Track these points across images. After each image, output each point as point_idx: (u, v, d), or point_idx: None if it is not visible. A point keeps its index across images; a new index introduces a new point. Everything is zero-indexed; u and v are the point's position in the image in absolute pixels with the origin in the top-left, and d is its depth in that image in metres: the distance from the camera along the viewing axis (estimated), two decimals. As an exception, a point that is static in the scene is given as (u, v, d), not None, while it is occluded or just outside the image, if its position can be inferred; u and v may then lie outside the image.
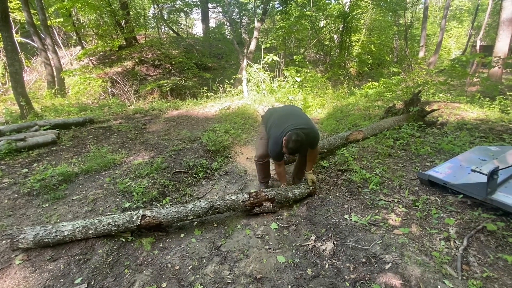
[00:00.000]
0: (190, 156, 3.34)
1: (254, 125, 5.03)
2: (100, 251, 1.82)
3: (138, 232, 2.01)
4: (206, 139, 3.64)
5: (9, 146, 3.22)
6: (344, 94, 7.53)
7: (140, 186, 2.51)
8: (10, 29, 4.54)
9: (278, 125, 2.25)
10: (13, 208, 2.32)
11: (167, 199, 2.43)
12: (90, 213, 2.20)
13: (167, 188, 2.64)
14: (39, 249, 1.80)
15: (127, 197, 2.42)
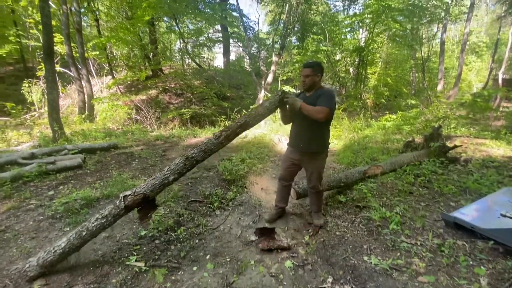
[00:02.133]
0: (206, 185, 3.39)
1: (270, 154, 5.07)
2: (114, 281, 1.83)
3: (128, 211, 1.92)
4: (222, 168, 3.70)
5: (39, 169, 3.44)
6: (360, 126, 7.50)
7: (156, 214, 2.55)
8: (53, 62, 5.07)
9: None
10: (37, 230, 2.41)
11: (182, 229, 2.44)
12: (108, 240, 2.25)
13: (183, 218, 2.66)
14: (58, 275, 1.84)
15: (143, 225, 2.46)
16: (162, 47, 15.71)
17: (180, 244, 2.29)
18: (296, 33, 14.24)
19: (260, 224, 2.72)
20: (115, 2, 13.14)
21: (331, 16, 14.41)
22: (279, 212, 2.77)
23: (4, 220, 2.56)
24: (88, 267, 1.92)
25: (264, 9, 19.95)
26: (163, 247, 2.22)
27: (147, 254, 2.12)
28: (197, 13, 10.89)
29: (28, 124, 7.33)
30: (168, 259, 2.09)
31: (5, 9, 13.13)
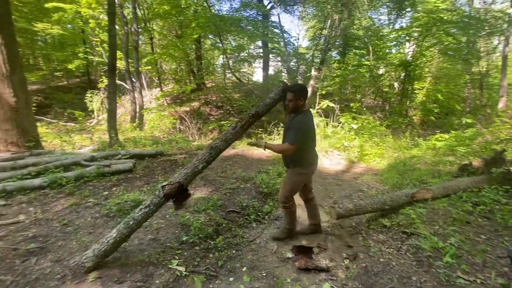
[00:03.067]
0: (243, 196, 3.45)
1: (307, 170, 4.98)
2: (158, 282, 1.93)
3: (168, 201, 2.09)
4: (260, 181, 3.73)
5: (98, 171, 3.85)
6: (406, 145, 7.00)
7: (197, 221, 2.66)
8: (115, 76, 5.74)
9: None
10: (93, 226, 2.68)
11: (220, 238, 2.50)
12: (153, 242, 2.40)
13: (221, 227, 2.73)
14: (110, 270, 2.01)
15: (185, 230, 2.58)
16: (206, 62, 16.75)
17: (218, 253, 2.35)
18: (337, 48, 14.07)
19: (296, 242, 2.67)
20: (167, 22, 14.48)
21: (375, 30, 14.00)
22: (311, 229, 2.81)
23: (67, 214, 2.90)
24: (136, 266, 2.07)
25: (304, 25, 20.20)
26: (202, 254, 2.30)
27: (187, 260, 2.21)
28: (240, 30, 11.45)
29: (89, 130, 8.29)
30: (206, 267, 2.15)
31: (77, 29, 15.31)
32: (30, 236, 2.45)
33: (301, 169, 2.48)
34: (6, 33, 3.97)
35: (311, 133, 2.48)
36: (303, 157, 2.44)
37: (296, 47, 16.47)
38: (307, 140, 2.41)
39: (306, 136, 2.38)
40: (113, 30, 5.28)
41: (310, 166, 2.52)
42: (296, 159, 2.45)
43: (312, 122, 2.49)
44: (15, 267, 2.03)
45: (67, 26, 14.23)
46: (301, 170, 2.48)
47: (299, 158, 2.44)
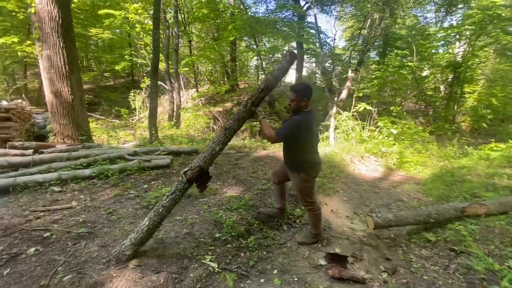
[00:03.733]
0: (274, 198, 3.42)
1: (341, 175, 4.80)
2: (192, 275, 2.00)
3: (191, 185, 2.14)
4: (291, 184, 3.67)
5: (139, 165, 4.11)
6: (453, 153, 6.39)
7: (229, 219, 2.70)
8: (157, 77, 6.11)
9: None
10: (134, 216, 2.86)
11: (252, 238, 2.50)
12: (188, 236, 2.49)
13: (252, 227, 2.73)
14: (148, 259, 2.12)
15: (218, 227, 2.63)
16: (239, 64, 17.07)
17: (249, 253, 2.35)
18: (376, 48, 13.39)
19: (329, 249, 2.57)
20: (205, 26, 15.04)
21: (419, 29, 13.05)
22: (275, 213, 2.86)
23: (112, 204, 3.13)
24: (172, 258, 2.16)
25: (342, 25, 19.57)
26: (234, 252, 2.32)
27: (220, 256, 2.25)
28: (275, 32, 11.45)
29: (131, 126, 8.93)
30: (238, 265, 2.17)
31: (124, 34, 16.58)
32: (80, 221, 2.69)
33: (304, 174, 2.44)
34: (67, 38, 4.45)
35: (311, 135, 2.38)
36: (303, 161, 2.40)
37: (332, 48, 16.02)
38: (306, 142, 2.33)
39: (297, 135, 2.27)
40: (157, 33, 5.62)
41: (311, 169, 2.45)
42: (296, 163, 2.43)
43: (312, 123, 2.39)
44: (68, 249, 2.24)
45: (115, 31, 15.52)
46: (305, 176, 2.44)
47: (299, 162, 2.41)
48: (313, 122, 2.38)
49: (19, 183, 3.28)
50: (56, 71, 4.37)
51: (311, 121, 2.34)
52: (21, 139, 4.88)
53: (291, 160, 2.47)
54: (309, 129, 2.32)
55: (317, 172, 2.52)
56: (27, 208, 2.89)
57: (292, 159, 2.44)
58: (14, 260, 2.07)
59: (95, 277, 1.92)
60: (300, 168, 2.42)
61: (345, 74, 13.75)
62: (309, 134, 2.35)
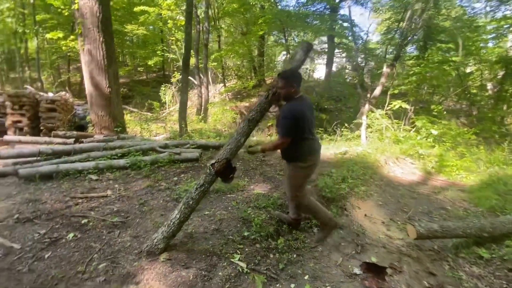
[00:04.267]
0: (304, 198, 3.29)
1: (374, 177, 4.51)
2: (220, 274, 1.96)
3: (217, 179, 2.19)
4: (323, 184, 3.51)
5: (170, 157, 4.19)
6: (504, 159, 5.73)
7: (258, 218, 2.62)
8: (188, 71, 6.19)
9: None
10: (165, 209, 2.90)
11: (281, 239, 2.41)
12: (216, 232, 2.46)
13: (282, 228, 2.64)
14: (178, 253, 2.12)
15: (246, 225, 2.57)
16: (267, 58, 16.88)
17: (279, 255, 2.27)
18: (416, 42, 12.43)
19: (364, 256, 2.40)
20: (234, 20, 15.04)
21: (466, 20, 11.86)
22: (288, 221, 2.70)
23: (144, 195, 3.21)
24: (201, 254, 2.14)
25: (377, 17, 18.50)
26: (263, 253, 2.25)
27: (249, 256, 2.19)
28: (305, 25, 11.11)
29: (162, 120, 9.23)
30: (267, 267, 2.09)
31: (157, 30, 17.13)
32: (115, 210, 2.78)
33: (301, 163, 2.30)
34: (106, 33, 4.64)
35: (306, 122, 2.22)
36: (300, 149, 2.26)
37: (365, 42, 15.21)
38: (302, 129, 2.20)
39: (297, 124, 2.16)
40: (188, 28, 5.68)
41: (309, 158, 2.31)
42: (293, 152, 2.30)
43: (307, 109, 2.26)
44: (103, 237, 2.31)
45: (149, 27, 16.09)
46: (301, 164, 2.31)
47: (296, 151, 2.28)
48: (306, 108, 2.27)
49: (61, 170, 3.49)
50: (95, 65, 4.59)
51: (303, 107, 2.24)
52: (64, 129, 5.23)
53: (288, 152, 2.34)
54: (302, 115, 2.20)
55: (316, 161, 2.39)
56: (67, 194, 3.06)
57: (292, 150, 2.28)
58: (54, 244, 2.18)
59: (127, 267, 1.96)
60: (297, 157, 2.30)
61: (379, 69, 12.99)
62: (307, 119, 2.24)
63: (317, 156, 2.40)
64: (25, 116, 5.13)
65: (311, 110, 2.36)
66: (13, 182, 3.37)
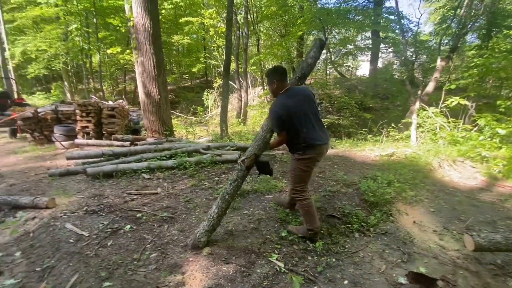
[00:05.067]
0: (344, 202, 3.18)
1: (425, 181, 4.14)
2: (259, 271, 2.02)
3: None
4: (366, 187, 3.35)
5: (212, 158, 4.43)
6: None
7: (296, 220, 2.63)
8: (228, 77, 6.46)
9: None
10: (207, 206, 3.08)
11: (320, 242, 2.38)
12: (255, 231, 2.54)
13: (320, 231, 2.60)
14: (219, 249, 2.24)
15: (284, 226, 2.60)
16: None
17: (317, 257, 2.24)
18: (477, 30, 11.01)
19: (411, 266, 2.24)
20: (273, 23, 15.14)
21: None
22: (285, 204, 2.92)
23: (189, 193, 3.45)
24: (240, 251, 2.23)
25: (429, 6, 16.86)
26: (301, 254, 2.25)
27: (286, 257, 2.21)
28: (347, 22, 10.66)
29: (205, 123, 9.75)
30: (305, 269, 2.09)
31: (200, 38, 18.14)
32: (164, 206, 3.05)
33: (298, 154, 2.31)
34: (156, 45, 5.12)
35: (294, 114, 2.18)
36: (295, 141, 2.28)
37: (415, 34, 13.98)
38: (290, 122, 2.18)
39: (282, 119, 2.17)
40: (229, 34, 5.93)
41: (307, 150, 2.27)
42: (290, 144, 2.35)
43: (297, 100, 2.22)
44: (154, 230, 2.57)
45: (192, 36, 17.15)
46: (299, 156, 2.31)
47: (292, 143, 2.33)
48: (294, 100, 2.22)
49: (120, 169, 3.95)
50: (147, 75, 5.10)
51: (287, 100, 2.21)
52: (121, 133, 5.89)
53: (289, 143, 2.36)
54: (291, 107, 2.19)
55: (316, 154, 2.30)
56: (125, 191, 3.46)
57: (290, 141, 2.31)
58: (115, 234, 2.49)
59: (175, 258, 2.14)
60: (296, 148, 2.32)
61: (432, 63, 11.83)
62: (296, 113, 2.20)
63: (319, 149, 2.30)
64: (91, 122, 5.92)
65: (307, 101, 2.28)
66: (82, 179, 3.93)
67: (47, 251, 2.24)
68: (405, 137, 7.08)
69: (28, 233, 2.53)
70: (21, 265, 2.09)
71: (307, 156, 2.28)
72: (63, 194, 3.37)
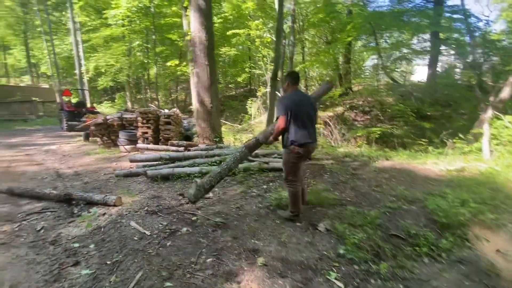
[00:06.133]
0: (409, 221, 2.86)
1: (507, 202, 3.51)
2: (316, 289, 1.89)
3: None
4: (434, 206, 2.97)
5: (259, 166, 4.44)
6: None
7: (354, 237, 2.43)
8: (276, 85, 6.49)
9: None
10: (258, 215, 3.06)
11: (385, 265, 2.15)
12: (309, 245, 2.41)
13: (382, 251, 2.36)
14: (274, 261, 2.18)
15: (340, 242, 2.43)
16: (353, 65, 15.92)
17: (381, 281, 2.03)
18: None
19: None
20: (319, 30, 14.93)
21: None
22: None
23: (239, 199, 3.49)
24: (296, 265, 2.14)
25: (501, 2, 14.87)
26: (363, 276, 2.06)
27: (346, 277, 2.05)
28: (402, 24, 9.93)
29: (250, 130, 9.92)
30: (369, 294, 1.90)
31: (245, 49, 18.74)
32: (216, 211, 3.13)
33: (287, 149, 2.74)
34: (210, 57, 5.43)
35: (296, 108, 2.64)
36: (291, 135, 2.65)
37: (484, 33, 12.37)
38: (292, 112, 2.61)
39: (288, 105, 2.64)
40: (279, 44, 5.99)
41: (297, 148, 2.64)
42: (285, 138, 2.73)
43: (299, 98, 2.75)
44: (208, 234, 2.62)
45: (238, 47, 17.83)
46: (287, 150, 2.75)
47: (285, 137, 2.72)
48: (299, 100, 2.73)
49: (175, 173, 4.20)
50: (202, 85, 5.41)
51: (294, 96, 2.77)
52: (176, 139, 6.32)
53: (283, 138, 2.77)
54: (294, 104, 2.66)
55: (304, 152, 2.69)
56: (180, 194, 3.65)
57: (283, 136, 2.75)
58: (173, 235, 2.61)
59: (230, 265, 2.14)
60: (286, 143, 2.73)
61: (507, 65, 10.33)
62: (295, 111, 2.63)
63: (306, 148, 2.70)
64: (150, 128, 6.48)
65: (308, 104, 2.76)
66: (143, 180, 4.27)
67: (116, 246, 2.44)
68: (475, 150, 6.19)
69: (99, 228, 2.81)
70: (94, 257, 2.31)
71: (296, 151, 2.66)
72: (127, 194, 3.70)
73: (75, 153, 6.84)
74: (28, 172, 5.15)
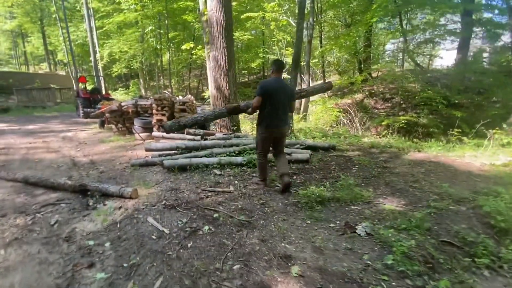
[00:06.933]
0: (460, 225, 2.49)
1: None
2: (366, 310, 1.60)
3: None
4: (491, 208, 2.57)
5: (282, 158, 4.11)
6: None
7: (401, 244, 2.10)
8: (297, 69, 6.04)
9: None
10: (285, 213, 2.77)
11: (445, 281, 1.80)
12: (350, 252, 2.11)
13: (436, 260, 2.02)
14: (311, 271, 1.90)
15: (386, 250, 2.11)
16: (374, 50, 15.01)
17: (441, 301, 1.71)
18: None
19: None
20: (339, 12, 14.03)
21: None
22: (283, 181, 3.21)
23: (262, 195, 3.20)
24: (337, 277, 1.85)
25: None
26: (418, 294, 1.74)
27: (398, 293, 1.74)
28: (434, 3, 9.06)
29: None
30: (429, 316, 1.59)
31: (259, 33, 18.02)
32: (239, 207, 2.86)
33: (259, 130, 3.18)
34: (228, 39, 5.03)
35: (269, 93, 2.97)
36: (262, 117, 3.08)
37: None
38: (265, 95, 2.96)
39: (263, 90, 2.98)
40: (301, 24, 5.50)
41: (266, 128, 3.08)
42: (258, 120, 3.17)
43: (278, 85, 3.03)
44: (233, 235, 2.36)
45: (252, 32, 17.15)
46: (259, 131, 3.18)
47: (258, 120, 3.15)
48: (277, 87, 3.01)
49: (193, 163, 3.95)
50: (219, 69, 5.05)
51: (271, 82, 3.08)
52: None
53: (258, 119, 3.18)
54: (270, 89, 2.98)
55: (268, 134, 3.12)
56: (199, 186, 3.40)
57: (257, 118, 3.17)
58: (194, 235, 2.37)
59: (260, 275, 1.87)
60: (258, 124, 3.17)
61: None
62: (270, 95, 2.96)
63: (275, 130, 3.11)
64: (165, 116, 6.24)
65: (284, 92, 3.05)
66: (159, 171, 4.05)
67: (133, 246, 2.23)
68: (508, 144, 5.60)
69: (115, 223, 2.61)
70: (110, 258, 2.10)
71: (266, 131, 3.10)
72: (143, 185, 3.49)
73: (91, 140, 6.74)
74: (45, 159, 5.06)
